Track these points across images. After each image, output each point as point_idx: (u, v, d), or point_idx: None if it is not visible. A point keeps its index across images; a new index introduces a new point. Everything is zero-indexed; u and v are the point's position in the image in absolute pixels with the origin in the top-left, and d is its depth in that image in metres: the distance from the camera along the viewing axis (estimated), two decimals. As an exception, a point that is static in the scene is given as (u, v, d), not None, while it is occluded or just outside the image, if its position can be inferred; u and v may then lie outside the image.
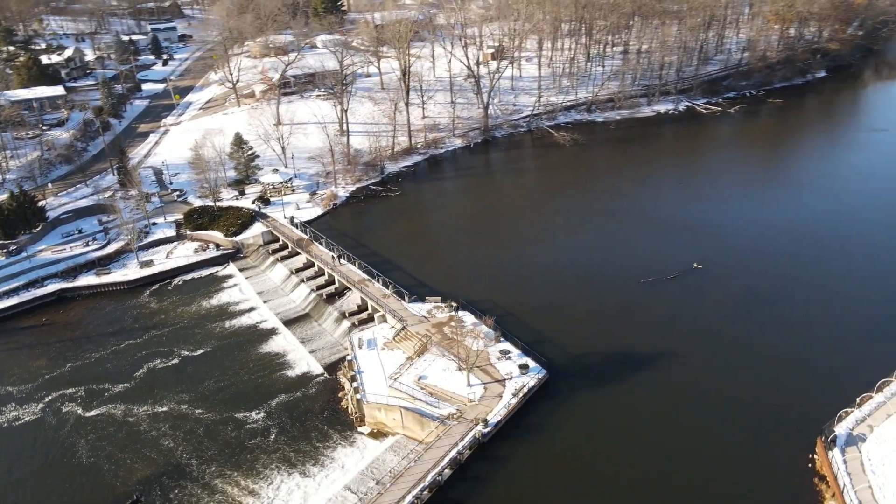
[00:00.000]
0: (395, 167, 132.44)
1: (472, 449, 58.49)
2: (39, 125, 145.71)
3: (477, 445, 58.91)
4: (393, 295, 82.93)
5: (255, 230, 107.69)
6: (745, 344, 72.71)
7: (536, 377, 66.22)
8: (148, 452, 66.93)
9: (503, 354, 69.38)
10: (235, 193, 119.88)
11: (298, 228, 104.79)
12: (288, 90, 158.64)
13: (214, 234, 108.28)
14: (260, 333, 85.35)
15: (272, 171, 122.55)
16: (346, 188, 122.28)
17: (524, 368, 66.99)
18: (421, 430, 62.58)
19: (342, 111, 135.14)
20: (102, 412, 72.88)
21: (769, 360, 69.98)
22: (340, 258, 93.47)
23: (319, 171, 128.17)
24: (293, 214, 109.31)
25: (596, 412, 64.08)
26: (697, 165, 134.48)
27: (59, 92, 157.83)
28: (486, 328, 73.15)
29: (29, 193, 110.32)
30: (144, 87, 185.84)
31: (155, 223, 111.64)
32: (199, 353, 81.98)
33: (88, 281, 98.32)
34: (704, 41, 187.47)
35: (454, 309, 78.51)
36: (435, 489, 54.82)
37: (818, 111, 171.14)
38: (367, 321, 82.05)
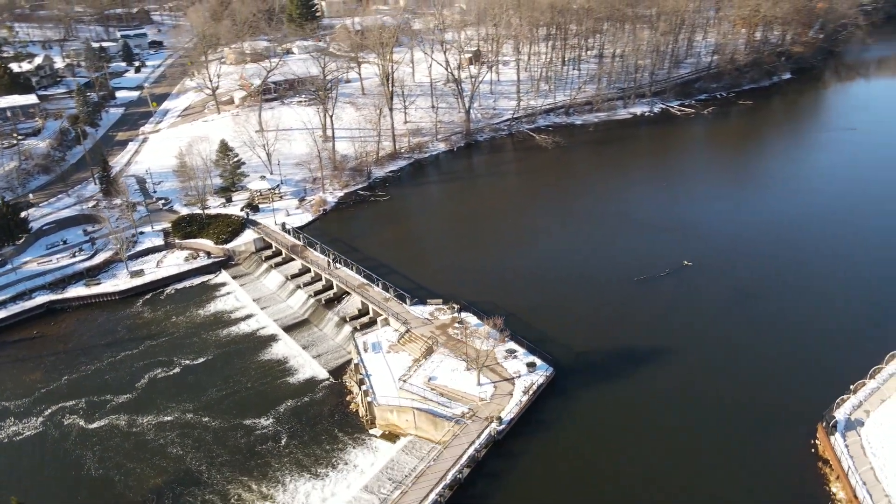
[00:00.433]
0: (381, 172, 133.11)
1: (487, 447, 59.66)
2: (14, 134, 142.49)
3: (492, 443, 60.12)
4: (394, 298, 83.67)
5: (246, 237, 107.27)
6: (739, 338, 75.33)
7: (544, 375, 67.75)
8: (157, 461, 66.61)
9: (510, 354, 70.75)
10: (223, 201, 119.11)
11: (291, 234, 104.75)
12: (268, 96, 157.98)
13: (204, 242, 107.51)
14: (260, 340, 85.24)
15: (259, 177, 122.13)
16: (334, 194, 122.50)
17: (532, 367, 68.47)
18: (434, 429, 63.50)
19: (328, 117, 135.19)
20: (106, 423, 72.10)
21: (764, 353, 72.67)
22: (336, 262, 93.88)
23: (306, 177, 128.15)
24: (284, 221, 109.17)
25: (603, 407, 65.83)
26: (676, 166, 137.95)
27: (32, 100, 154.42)
28: (489, 328, 74.33)
29: (10, 203, 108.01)
30: (118, 94, 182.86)
31: (142, 232, 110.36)
32: (199, 361, 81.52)
33: (78, 292, 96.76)
34: (675, 45, 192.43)
35: (456, 311, 79.63)
36: (455, 487, 55.81)
37: (786, 112, 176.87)
38: (368, 325, 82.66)
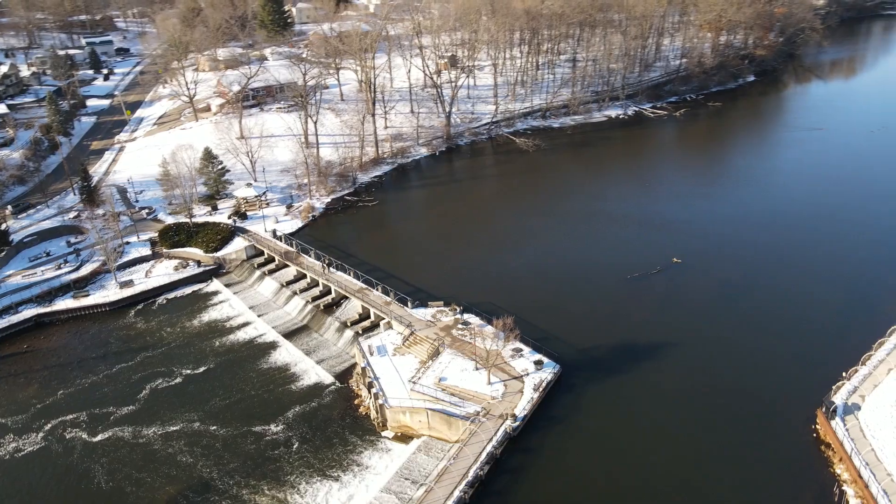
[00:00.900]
0: (365, 177, 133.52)
1: (503, 444, 60.89)
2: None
3: (508, 440, 61.38)
4: (395, 301, 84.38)
5: (236, 245, 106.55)
6: (732, 332, 78.08)
7: (552, 372, 69.36)
8: (167, 470, 66.03)
9: (516, 352, 72.17)
10: (208, 209, 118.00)
11: (283, 241, 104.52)
12: (247, 103, 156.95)
13: (194, 250, 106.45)
14: (260, 347, 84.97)
15: (245, 185, 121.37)
16: (321, 200, 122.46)
17: (539, 364, 70.01)
18: (448, 429, 64.44)
19: (312, 123, 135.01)
20: (110, 436, 71.08)
21: (756, 344, 75.55)
22: (330, 267, 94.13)
23: (290, 183, 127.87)
24: (274, 228, 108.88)
25: (611, 401, 67.74)
26: (654, 167, 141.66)
27: (2, 110, 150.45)
28: (492, 328, 75.61)
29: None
30: (89, 102, 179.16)
31: (128, 242, 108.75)
32: (200, 370, 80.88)
33: (67, 305, 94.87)
34: (644, 50, 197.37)
35: (459, 312, 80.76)
36: (477, 484, 56.86)
37: (753, 112, 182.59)
38: (370, 329, 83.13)
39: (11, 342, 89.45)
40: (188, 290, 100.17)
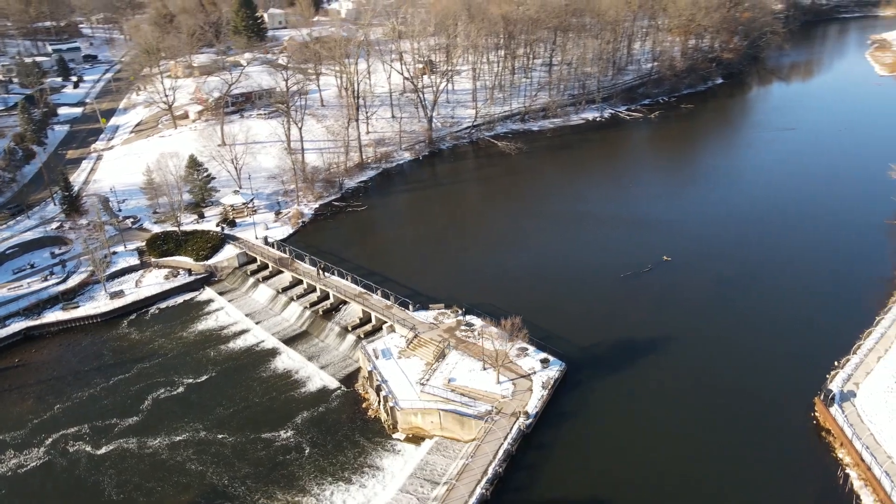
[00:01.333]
0: (352, 182, 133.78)
1: (518, 441, 62.05)
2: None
3: (522, 437, 62.56)
4: (396, 305, 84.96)
5: (227, 253, 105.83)
6: (726, 326, 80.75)
7: (558, 370, 70.82)
8: (178, 478, 65.54)
9: (521, 352, 73.43)
10: (195, 217, 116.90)
11: (275, 248, 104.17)
12: (227, 110, 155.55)
13: (183, 259, 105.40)
14: (260, 354, 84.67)
15: (233, 192, 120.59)
16: (309, 206, 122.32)
17: (545, 363, 71.40)
18: (461, 429, 65.34)
19: (297, 129, 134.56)
20: (115, 448, 70.12)
21: (750, 337, 78.26)
22: (325, 272, 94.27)
23: (276, 190, 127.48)
24: (266, 234, 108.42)
25: (617, 396, 69.44)
26: (634, 167, 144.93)
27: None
28: (495, 329, 76.71)
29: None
30: (61, 111, 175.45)
31: (115, 252, 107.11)
32: (202, 379, 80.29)
33: (56, 317, 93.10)
34: (616, 53, 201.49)
35: (461, 314, 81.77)
36: (496, 481, 57.89)
37: (724, 114, 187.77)
38: (372, 333, 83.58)
39: (1, 356, 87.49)
40: (180, 299, 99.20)
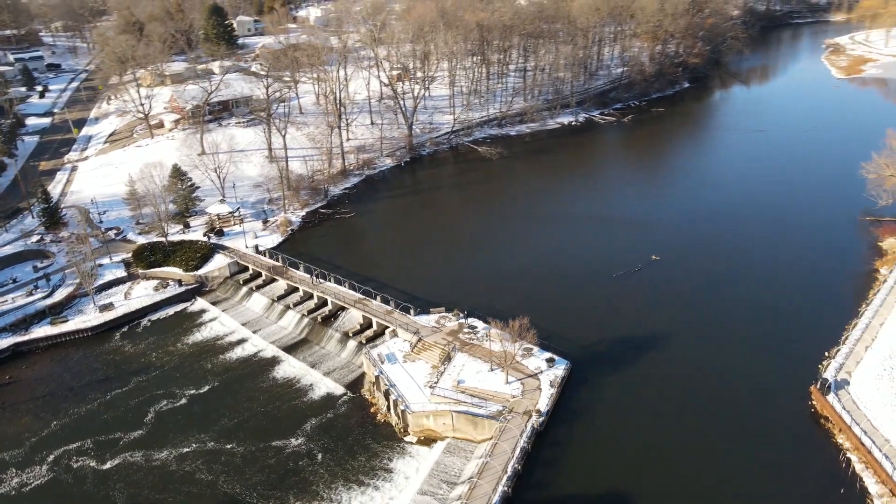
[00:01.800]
0: (337, 189, 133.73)
1: (532, 439, 63.34)
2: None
3: (535, 435, 63.89)
4: (397, 310, 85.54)
5: (217, 262, 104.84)
6: (718, 321, 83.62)
7: (564, 368, 72.43)
8: (190, 489, 65.10)
9: (527, 352, 74.84)
10: (181, 227, 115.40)
11: (267, 256, 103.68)
12: (205, 118, 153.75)
13: (173, 270, 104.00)
14: (261, 363, 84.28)
15: (218, 201, 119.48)
16: (296, 213, 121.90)
17: (551, 362, 72.96)
18: (474, 429, 66.34)
19: (280, 136, 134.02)
20: (121, 462, 69.11)
21: (742, 331, 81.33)
22: (320, 278, 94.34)
23: (261, 198, 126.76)
24: (257, 243, 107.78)
25: (622, 392, 71.38)
26: (612, 170, 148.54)
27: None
28: (497, 330, 77.95)
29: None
30: (28, 121, 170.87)
31: (101, 264, 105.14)
32: (203, 390, 79.58)
33: (45, 332, 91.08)
34: (587, 58, 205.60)
35: (463, 316, 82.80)
36: (515, 479, 59.05)
37: (693, 116, 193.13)
38: (374, 338, 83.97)
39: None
40: (171, 310, 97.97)
